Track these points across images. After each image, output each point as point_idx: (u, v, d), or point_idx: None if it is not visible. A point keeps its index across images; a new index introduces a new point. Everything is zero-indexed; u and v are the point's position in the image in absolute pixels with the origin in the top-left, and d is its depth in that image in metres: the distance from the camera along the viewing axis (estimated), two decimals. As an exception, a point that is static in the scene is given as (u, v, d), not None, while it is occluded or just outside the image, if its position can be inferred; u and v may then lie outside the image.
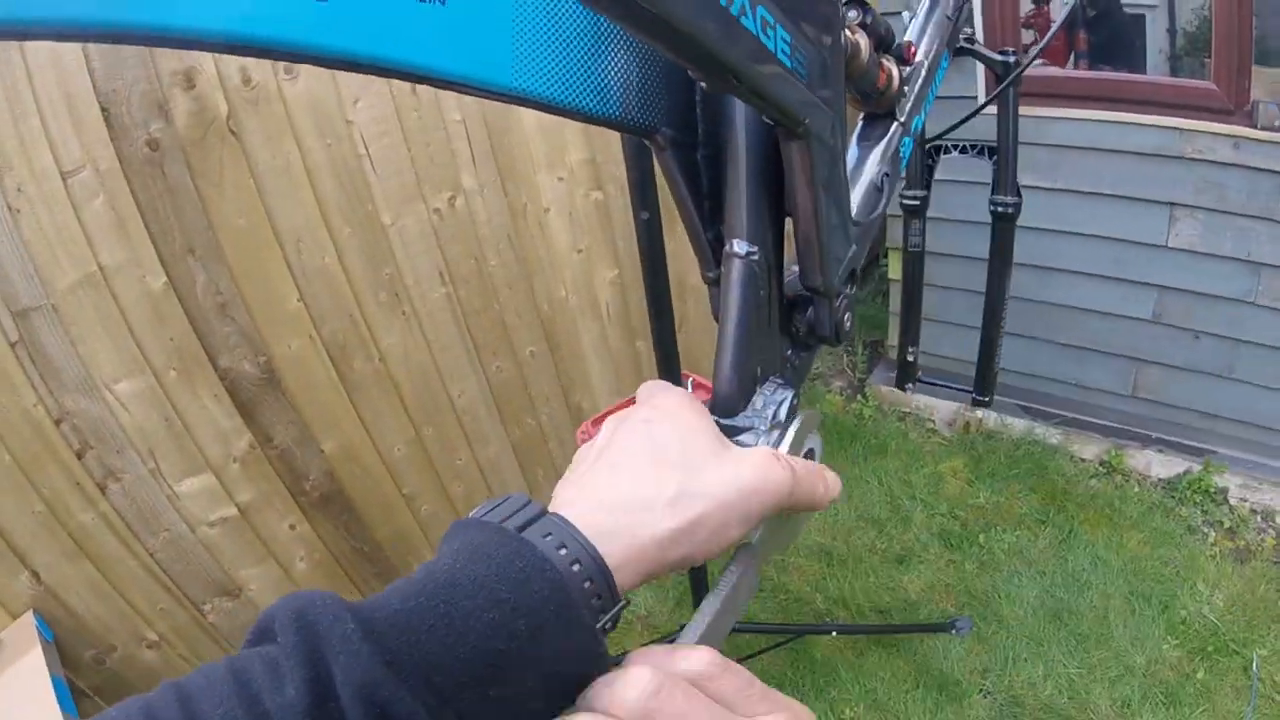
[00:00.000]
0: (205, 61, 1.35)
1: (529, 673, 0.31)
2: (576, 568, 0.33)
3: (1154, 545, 2.20)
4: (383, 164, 1.61)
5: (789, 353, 0.55)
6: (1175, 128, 2.05)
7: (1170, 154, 2.07)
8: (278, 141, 1.46)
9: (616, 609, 0.34)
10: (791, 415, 0.49)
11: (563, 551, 0.33)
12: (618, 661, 0.33)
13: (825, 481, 0.44)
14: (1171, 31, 2.15)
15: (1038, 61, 2.32)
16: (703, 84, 0.44)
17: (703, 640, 0.39)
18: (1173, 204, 2.13)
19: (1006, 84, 1.11)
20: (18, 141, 1.21)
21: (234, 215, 1.45)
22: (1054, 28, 1.11)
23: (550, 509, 0.36)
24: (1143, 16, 2.19)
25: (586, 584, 0.33)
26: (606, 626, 0.34)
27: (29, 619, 1.38)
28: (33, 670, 1.29)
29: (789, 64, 0.38)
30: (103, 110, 1.27)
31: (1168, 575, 2.12)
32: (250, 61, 1.39)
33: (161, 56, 1.30)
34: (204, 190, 1.41)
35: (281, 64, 1.43)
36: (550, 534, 0.34)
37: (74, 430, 1.37)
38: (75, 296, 1.32)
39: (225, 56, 1.36)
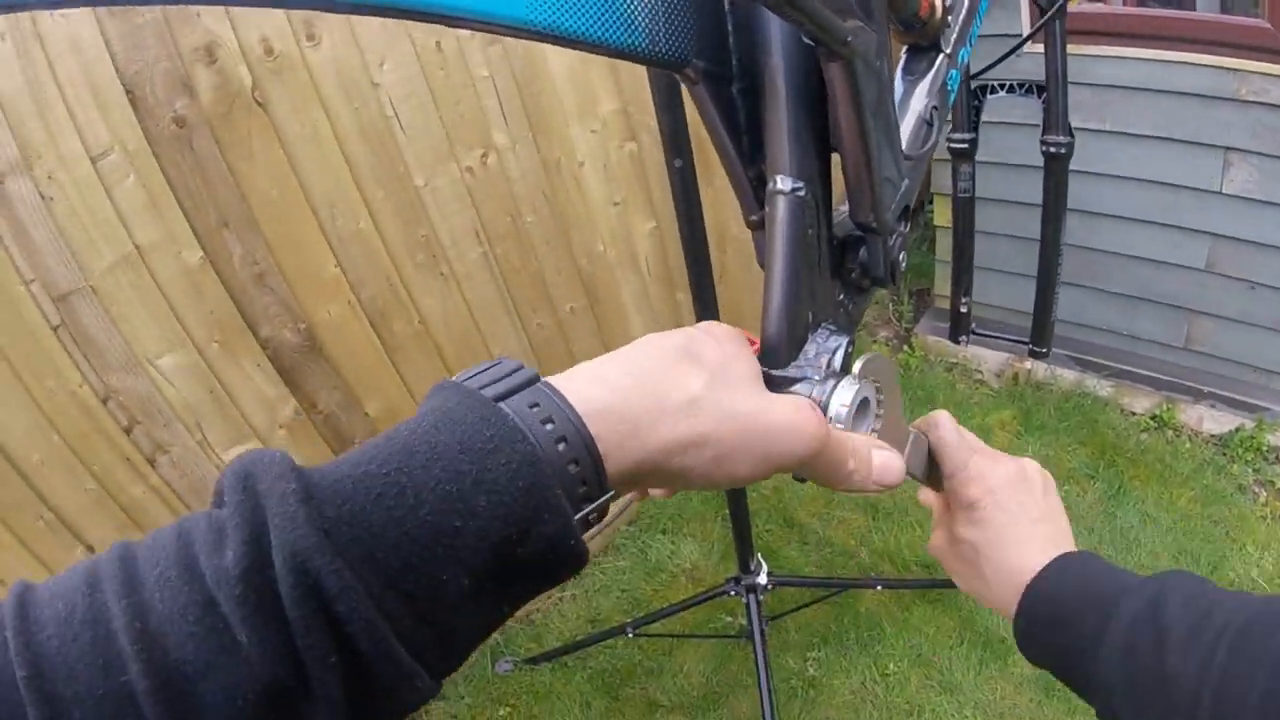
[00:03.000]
0: (226, 35, 1.34)
1: (490, 558, 0.28)
2: (562, 446, 0.29)
3: (1204, 504, 2.14)
4: (412, 125, 1.59)
5: (841, 297, 0.52)
6: (1228, 68, 1.94)
7: (1223, 95, 1.97)
8: (305, 110, 1.45)
9: (603, 500, 0.31)
10: (847, 363, 0.47)
11: (548, 427, 0.29)
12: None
13: (862, 458, 0.40)
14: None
15: (1086, -3, 2.22)
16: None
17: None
18: (1226, 148, 2.03)
19: (1050, 16, 1.05)
20: (45, 131, 1.21)
21: (266, 186, 1.45)
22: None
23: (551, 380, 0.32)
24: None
25: (572, 466, 0.29)
26: (590, 518, 0.30)
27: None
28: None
29: None
30: (127, 92, 1.27)
31: (1217, 535, 2.07)
32: (272, 31, 1.38)
33: (181, 33, 1.29)
34: (234, 163, 1.40)
35: (304, 31, 1.41)
36: (537, 404, 0.30)
37: (121, 407, 1.39)
38: (113, 277, 1.33)
39: (245, 28, 1.35)
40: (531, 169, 1.82)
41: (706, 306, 1.26)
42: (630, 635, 1.91)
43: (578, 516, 0.29)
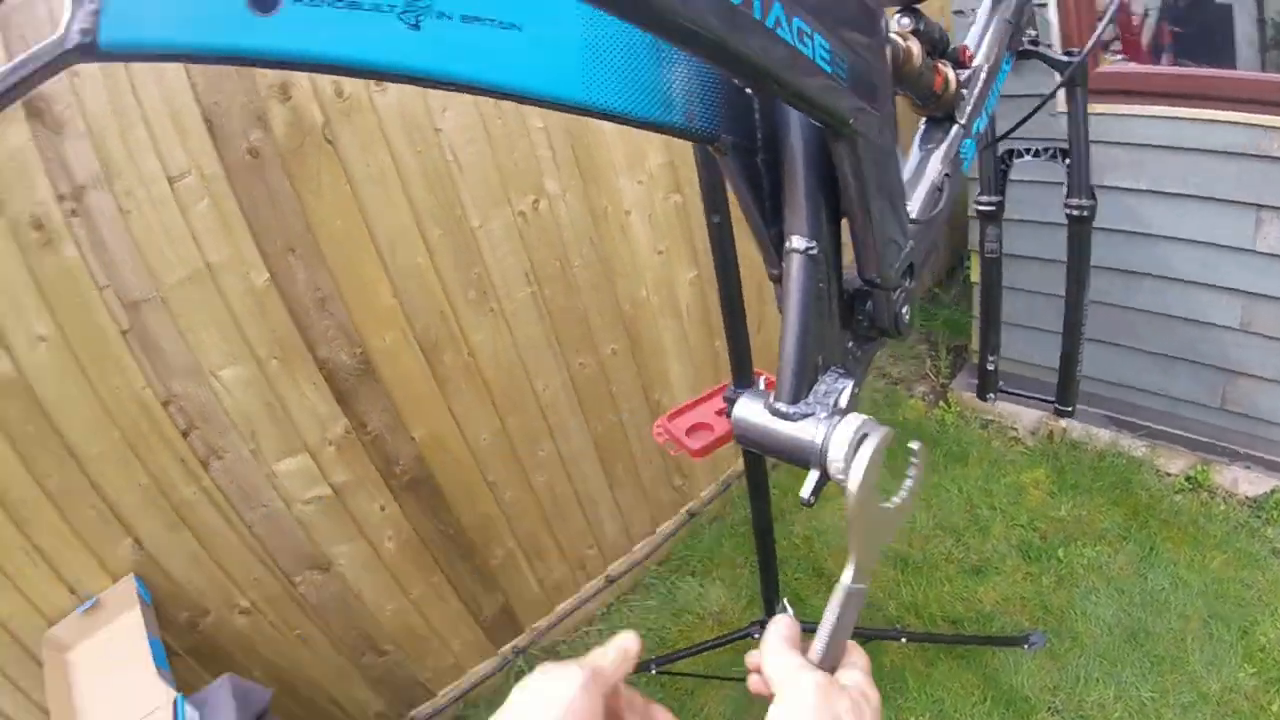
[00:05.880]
0: (300, 75, 1.43)
1: None
2: None
3: (1237, 567, 2.11)
4: (470, 170, 1.68)
5: (850, 345, 0.58)
6: (1262, 125, 1.93)
7: (1257, 153, 1.96)
8: (371, 150, 1.55)
9: None
10: (851, 403, 0.52)
11: None
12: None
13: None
14: (1260, 22, 2.05)
15: (1120, 57, 2.25)
16: (748, 89, 0.48)
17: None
18: (1260, 205, 2.02)
19: (1065, 80, 1.11)
20: (125, 151, 1.31)
21: (332, 218, 1.54)
22: (1103, 23, 1.10)
23: None
24: (1229, 7, 2.09)
25: None
26: None
27: (130, 581, 1.48)
28: (131, 628, 1.39)
29: (829, 69, 0.41)
30: (205, 121, 1.37)
31: (1249, 599, 2.03)
32: (344, 74, 1.48)
33: (259, 71, 1.38)
34: (303, 195, 1.50)
35: (375, 76, 1.51)
36: None
37: (180, 411, 1.48)
38: (183, 290, 1.42)
39: (320, 70, 1.45)
40: (580, 216, 1.91)
41: (741, 355, 1.31)
42: (654, 671, 1.92)
43: None
